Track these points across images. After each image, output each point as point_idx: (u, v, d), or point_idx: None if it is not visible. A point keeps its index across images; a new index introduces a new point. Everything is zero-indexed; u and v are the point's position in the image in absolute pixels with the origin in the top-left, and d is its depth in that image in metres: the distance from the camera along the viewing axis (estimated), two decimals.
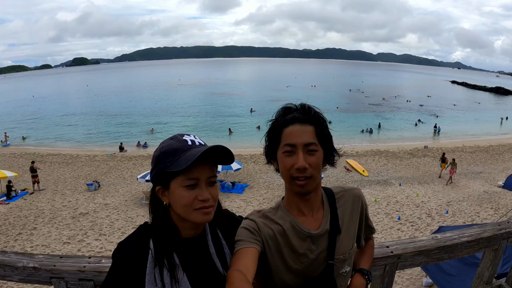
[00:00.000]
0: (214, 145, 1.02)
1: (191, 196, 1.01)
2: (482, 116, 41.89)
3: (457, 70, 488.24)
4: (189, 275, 1.05)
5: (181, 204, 1.02)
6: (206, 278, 1.08)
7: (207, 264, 1.10)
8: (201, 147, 1.03)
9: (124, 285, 1.00)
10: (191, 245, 1.10)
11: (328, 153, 1.18)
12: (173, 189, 1.02)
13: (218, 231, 1.17)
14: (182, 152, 1.02)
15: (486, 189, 15.19)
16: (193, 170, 1.00)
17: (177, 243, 1.07)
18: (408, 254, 1.58)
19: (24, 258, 1.42)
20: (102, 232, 11.29)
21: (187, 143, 1.05)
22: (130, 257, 1.02)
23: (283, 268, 1.17)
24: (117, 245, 1.06)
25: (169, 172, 1.01)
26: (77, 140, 29.00)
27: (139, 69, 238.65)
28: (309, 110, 1.17)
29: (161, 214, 1.07)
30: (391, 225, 11.51)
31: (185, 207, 1.02)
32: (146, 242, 1.05)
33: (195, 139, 1.07)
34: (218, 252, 1.13)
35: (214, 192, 1.06)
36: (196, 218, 1.03)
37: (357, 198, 1.28)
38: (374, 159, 21.85)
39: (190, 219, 1.04)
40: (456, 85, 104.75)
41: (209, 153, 1.01)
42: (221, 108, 45.19)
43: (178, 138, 1.08)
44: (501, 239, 1.85)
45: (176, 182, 1.02)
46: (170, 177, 1.02)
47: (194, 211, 1.02)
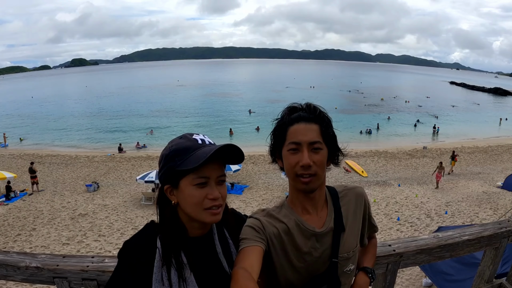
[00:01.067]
0: (226, 144, 1.02)
1: (201, 194, 1.01)
2: (481, 117, 42.02)
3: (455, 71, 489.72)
4: (196, 274, 1.05)
5: (191, 203, 1.02)
6: (213, 277, 1.08)
7: (214, 263, 1.10)
8: (212, 146, 1.04)
9: (130, 284, 1.00)
10: (198, 244, 1.10)
11: (332, 152, 1.20)
12: (183, 188, 1.02)
13: (225, 230, 1.17)
14: (193, 150, 1.02)
15: (485, 189, 15.21)
16: (204, 169, 1.00)
17: (184, 242, 1.06)
18: (410, 253, 1.58)
19: (26, 258, 1.42)
20: (101, 233, 11.26)
21: (197, 142, 1.05)
22: (136, 256, 1.02)
23: (287, 266, 1.18)
24: (123, 244, 1.05)
25: (179, 171, 1.01)
26: (76, 141, 28.98)
27: (138, 70, 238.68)
28: (314, 109, 1.19)
29: (169, 214, 1.07)
30: (390, 226, 11.53)
31: (195, 206, 1.02)
32: (153, 241, 1.05)
33: (205, 138, 1.08)
34: (224, 251, 1.13)
35: (223, 191, 1.06)
36: (205, 218, 1.03)
37: (360, 197, 1.29)
38: (373, 159, 21.89)
39: (199, 218, 1.04)
40: (455, 86, 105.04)
41: (220, 152, 1.02)
42: (220, 109, 45.19)
43: (187, 137, 1.07)
44: (502, 237, 1.86)
45: (186, 180, 1.02)
46: (180, 175, 1.02)
47: (203, 211, 1.02)
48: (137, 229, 5.89)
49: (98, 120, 38.21)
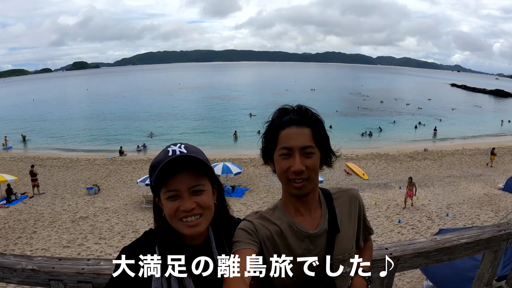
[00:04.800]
0: (175, 156, 1.00)
1: (173, 207, 1.02)
2: (482, 119, 41.97)
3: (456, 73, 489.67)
4: (195, 282, 1.06)
5: (167, 215, 1.04)
6: (211, 285, 1.07)
7: (212, 270, 1.09)
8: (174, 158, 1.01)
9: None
10: (196, 252, 1.09)
11: (325, 154, 1.18)
12: (162, 200, 1.05)
13: (223, 239, 1.17)
14: (159, 165, 1.00)
15: (486, 191, 15.16)
16: (171, 182, 1.00)
17: (181, 249, 1.06)
18: (407, 256, 1.58)
19: (23, 260, 1.42)
20: (102, 236, 11.24)
21: (168, 154, 1.03)
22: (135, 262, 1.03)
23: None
24: (121, 249, 1.06)
25: (153, 187, 1.04)
26: (77, 144, 29.03)
27: (139, 73, 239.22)
28: (306, 111, 1.16)
29: (162, 222, 1.09)
30: (391, 228, 11.48)
31: (170, 218, 1.04)
32: (152, 248, 1.05)
33: (177, 149, 1.04)
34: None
35: (201, 199, 1.04)
36: (183, 230, 1.04)
37: (354, 199, 1.28)
38: (374, 162, 21.84)
39: (178, 230, 1.05)
40: (456, 88, 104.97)
41: (178, 164, 0.99)
42: (220, 112, 45.21)
43: (165, 149, 1.07)
44: (501, 240, 1.85)
45: (161, 194, 1.04)
46: (157, 190, 1.05)
47: (179, 222, 1.03)
48: (137, 232, 5.96)
49: (99, 123, 38.26)
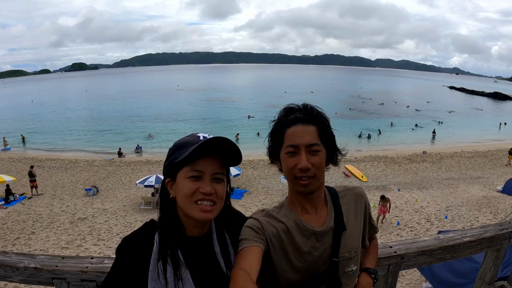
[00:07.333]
0: (216, 136, 1.03)
1: (193, 187, 1.01)
2: (481, 121, 42.13)
3: (455, 76, 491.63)
4: (193, 274, 1.05)
5: (182, 194, 1.02)
6: (210, 277, 1.07)
7: (211, 263, 1.10)
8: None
9: (127, 281, 1.00)
10: (196, 243, 1.09)
11: (331, 152, 1.19)
12: (179, 180, 1.04)
13: (225, 231, 1.16)
14: (191, 145, 1.02)
15: (485, 194, 15.19)
16: (199, 163, 1.02)
17: (182, 240, 1.06)
18: (411, 254, 1.58)
19: (25, 259, 1.40)
20: (100, 237, 11.21)
21: (199, 138, 1.06)
22: (134, 252, 1.02)
23: (287, 266, 1.17)
24: (122, 240, 1.06)
25: (177, 164, 1.03)
26: (75, 145, 28.96)
27: (138, 74, 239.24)
28: (311, 110, 1.18)
29: (167, 208, 1.07)
30: (390, 230, 11.49)
31: (185, 198, 1.02)
32: (151, 238, 1.05)
33: (208, 136, 1.07)
34: (223, 251, 1.12)
35: (219, 188, 1.05)
36: (195, 213, 1.02)
37: (360, 197, 1.28)
38: (372, 164, 21.87)
39: (189, 213, 1.03)
40: (455, 90, 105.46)
41: (212, 145, 1.02)
42: (219, 114, 45.26)
43: (193, 134, 1.10)
44: (503, 239, 1.86)
45: (181, 173, 1.03)
46: (177, 168, 1.04)
47: (193, 204, 1.02)
48: None
49: (97, 125, 38.21)
